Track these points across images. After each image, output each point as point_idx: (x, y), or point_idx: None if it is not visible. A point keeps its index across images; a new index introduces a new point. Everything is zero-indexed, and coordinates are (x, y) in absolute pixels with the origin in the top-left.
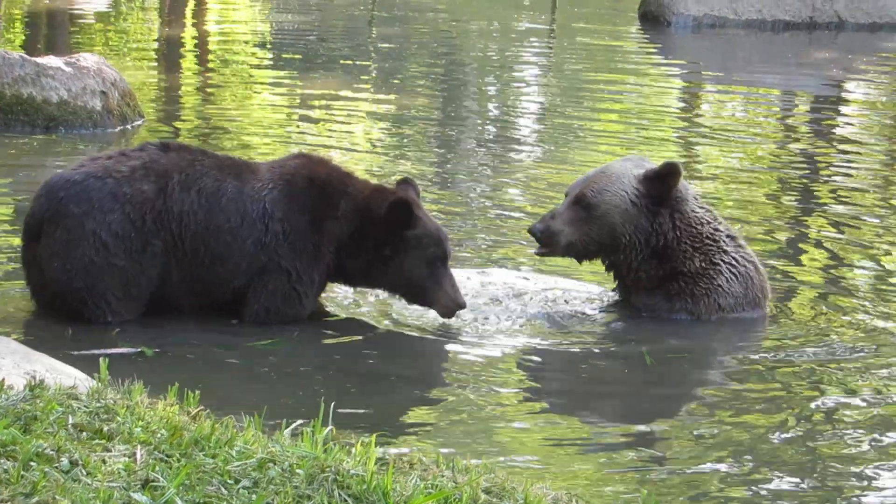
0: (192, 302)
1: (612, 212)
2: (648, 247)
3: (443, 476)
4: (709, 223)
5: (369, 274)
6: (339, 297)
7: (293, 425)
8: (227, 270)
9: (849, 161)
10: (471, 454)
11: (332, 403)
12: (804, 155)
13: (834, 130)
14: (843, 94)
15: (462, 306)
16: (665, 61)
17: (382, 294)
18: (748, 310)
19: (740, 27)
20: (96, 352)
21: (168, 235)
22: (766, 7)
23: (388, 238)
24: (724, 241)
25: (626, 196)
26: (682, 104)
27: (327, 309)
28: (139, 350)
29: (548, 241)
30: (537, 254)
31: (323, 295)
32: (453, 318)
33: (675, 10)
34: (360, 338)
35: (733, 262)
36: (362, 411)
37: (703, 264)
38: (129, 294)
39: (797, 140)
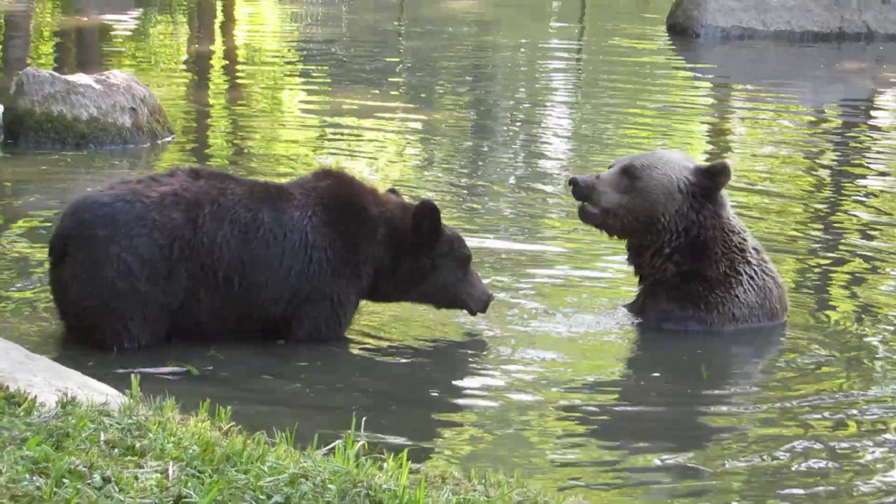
0: (218, 328)
1: (657, 188)
2: (688, 236)
3: (475, 490)
4: (738, 233)
5: (407, 289)
6: (371, 314)
7: (328, 446)
8: (266, 300)
9: (879, 171)
10: (503, 468)
11: (364, 419)
12: (833, 165)
13: (863, 140)
14: (873, 105)
15: (492, 298)
16: (694, 73)
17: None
18: (765, 321)
19: (769, 38)
20: (143, 370)
21: (195, 265)
22: (794, 18)
23: (423, 250)
24: (749, 252)
25: (674, 179)
26: (710, 115)
27: (358, 325)
28: (186, 369)
29: (587, 195)
30: (580, 218)
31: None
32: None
33: (704, 21)
34: (391, 354)
35: (754, 274)
36: (394, 426)
37: (727, 271)
38: (148, 319)
39: (826, 150)
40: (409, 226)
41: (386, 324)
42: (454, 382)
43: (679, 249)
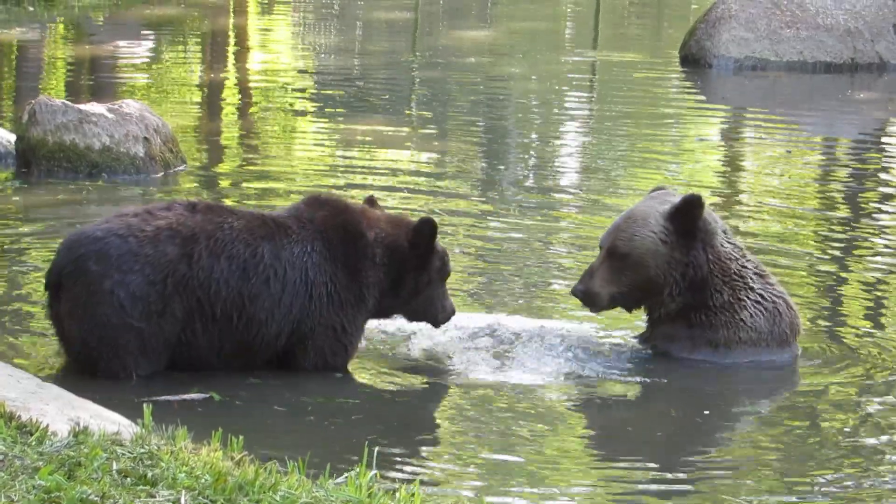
0: (219, 360)
1: (646, 255)
2: (686, 280)
3: None
4: (737, 259)
5: (406, 304)
6: (376, 342)
7: (341, 476)
8: (268, 334)
9: (891, 201)
10: (515, 497)
11: (376, 448)
12: (846, 195)
13: (876, 170)
14: (886, 135)
15: (455, 311)
16: (707, 103)
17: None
18: (773, 346)
19: (782, 69)
20: (167, 398)
21: (192, 300)
22: (807, 49)
23: (421, 265)
24: (750, 278)
25: (656, 236)
26: (723, 145)
27: (367, 354)
28: (209, 395)
29: (590, 303)
30: (591, 311)
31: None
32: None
33: (717, 52)
34: (404, 384)
35: (759, 298)
36: (406, 456)
37: (731, 299)
38: (145, 353)
39: (840, 179)
40: (404, 241)
41: (398, 353)
42: (467, 411)
43: (682, 293)
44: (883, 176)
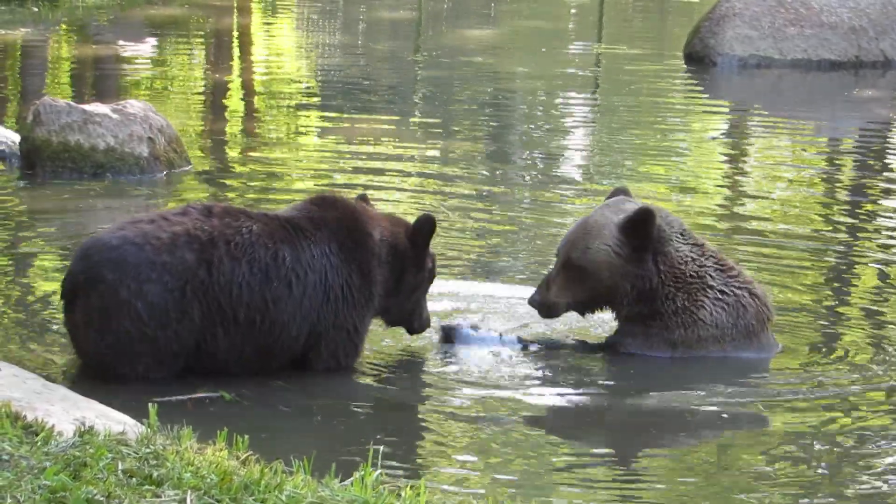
0: (236, 365)
1: (600, 267)
2: (635, 290)
3: None
4: (693, 260)
5: (405, 302)
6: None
7: (347, 476)
8: (290, 338)
9: (895, 196)
10: (521, 497)
11: (381, 448)
12: (851, 192)
13: (880, 168)
14: (890, 133)
15: (430, 324)
16: (711, 101)
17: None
18: (738, 339)
19: (786, 67)
20: (178, 398)
21: (212, 306)
22: (811, 47)
23: (419, 263)
24: (709, 276)
25: (609, 249)
26: (728, 143)
27: (377, 356)
28: (219, 394)
29: (546, 313)
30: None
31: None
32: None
33: (721, 50)
34: (407, 384)
35: (720, 294)
36: (412, 455)
37: (686, 303)
38: (161, 361)
39: (844, 178)
40: (405, 239)
41: (402, 353)
42: (473, 412)
43: (632, 303)
44: (887, 173)
